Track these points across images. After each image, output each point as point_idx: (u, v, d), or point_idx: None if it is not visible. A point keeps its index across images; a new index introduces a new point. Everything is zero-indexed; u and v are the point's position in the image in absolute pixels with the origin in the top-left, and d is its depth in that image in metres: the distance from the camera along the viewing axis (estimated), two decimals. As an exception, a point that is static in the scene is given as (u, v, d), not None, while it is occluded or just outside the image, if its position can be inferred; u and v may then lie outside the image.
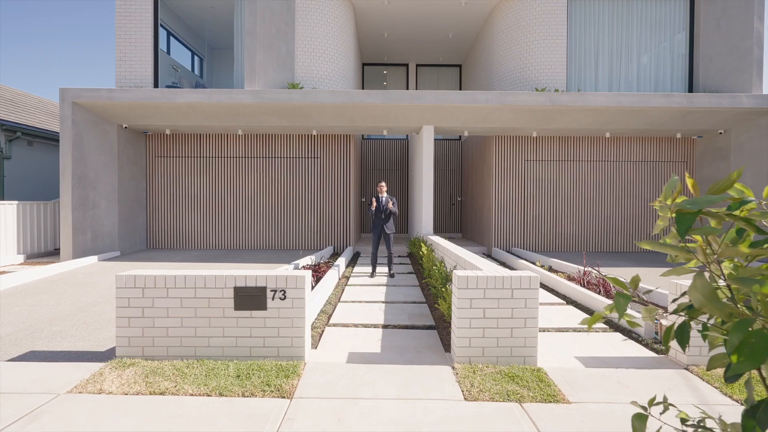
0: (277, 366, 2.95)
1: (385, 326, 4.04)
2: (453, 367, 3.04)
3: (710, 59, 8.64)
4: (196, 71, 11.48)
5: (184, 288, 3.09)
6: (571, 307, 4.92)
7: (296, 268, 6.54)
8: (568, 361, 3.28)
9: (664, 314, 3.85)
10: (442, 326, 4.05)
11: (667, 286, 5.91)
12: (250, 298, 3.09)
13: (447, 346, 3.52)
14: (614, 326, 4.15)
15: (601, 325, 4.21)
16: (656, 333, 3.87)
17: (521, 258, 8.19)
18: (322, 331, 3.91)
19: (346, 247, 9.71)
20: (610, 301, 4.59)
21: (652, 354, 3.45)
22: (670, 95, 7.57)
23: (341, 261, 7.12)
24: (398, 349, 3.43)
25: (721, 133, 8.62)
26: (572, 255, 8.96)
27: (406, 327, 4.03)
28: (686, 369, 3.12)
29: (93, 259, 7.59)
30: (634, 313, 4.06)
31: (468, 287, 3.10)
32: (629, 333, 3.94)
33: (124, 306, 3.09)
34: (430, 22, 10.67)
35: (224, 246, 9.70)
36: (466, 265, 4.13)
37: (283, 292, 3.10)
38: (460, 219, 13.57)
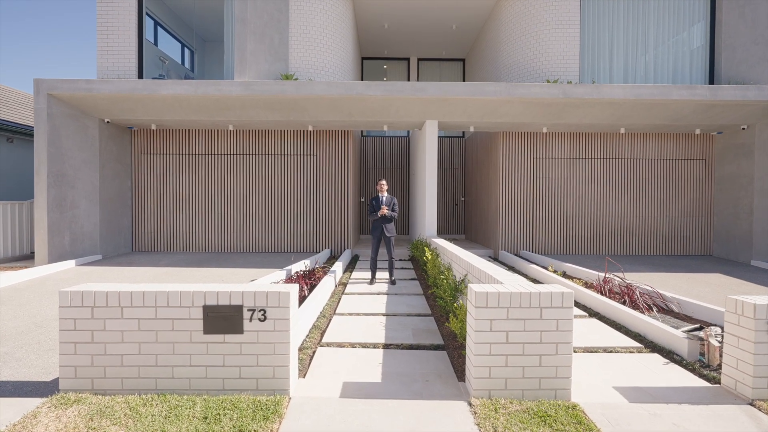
0: (254, 403, 2.41)
1: (386, 346, 3.49)
2: (470, 403, 2.50)
3: (733, 50, 8.10)
4: (187, 64, 10.92)
5: (143, 307, 2.54)
6: (595, 321, 4.38)
7: (289, 274, 6.00)
8: (607, 393, 2.73)
9: (717, 333, 3.30)
10: (452, 346, 3.50)
11: (693, 294, 5.35)
12: (222, 319, 2.54)
13: (460, 372, 2.98)
14: (650, 346, 3.61)
15: (635, 343, 3.67)
16: (701, 355, 3.33)
17: (531, 262, 7.65)
18: (313, 352, 3.36)
19: (344, 249, 9.17)
20: (639, 314, 4.05)
21: (704, 383, 2.90)
22: (693, 87, 7.03)
23: (338, 266, 6.58)
24: (402, 377, 2.89)
25: (744, 128, 8.08)
26: (584, 258, 8.42)
27: (411, 347, 3.49)
28: (750, 404, 2.57)
29: (70, 264, 7.04)
30: (678, 332, 3.52)
31: (488, 306, 2.56)
32: (670, 354, 3.40)
33: (69, 329, 2.54)
34: (433, 12, 10.13)
35: (215, 249, 9.15)
36: (481, 276, 3.58)
37: (262, 312, 2.55)
38: (463, 220, 13.02)
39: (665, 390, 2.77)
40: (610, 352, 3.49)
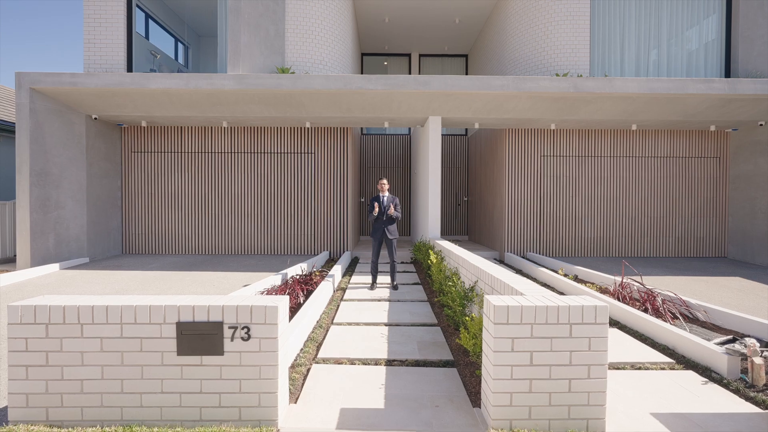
0: (236, 438, 2.05)
1: (389, 362, 3.12)
2: (488, 437, 2.14)
3: (751, 42, 7.74)
4: (180, 60, 10.56)
5: (106, 324, 2.18)
6: (616, 331, 4.01)
7: (284, 278, 5.63)
8: (645, 422, 2.36)
9: (760, 349, 2.94)
10: (463, 362, 3.14)
11: (715, 300, 4.93)
12: (199, 337, 2.18)
13: (474, 395, 2.61)
14: (683, 361, 3.24)
15: (665, 358, 3.30)
16: (743, 373, 2.97)
17: (540, 265, 7.28)
18: (308, 369, 2.99)
19: (344, 251, 8.80)
20: (667, 325, 3.68)
21: (753, 407, 2.53)
22: (710, 81, 6.67)
23: (337, 269, 6.21)
24: (408, 401, 2.52)
25: (761, 124, 7.72)
26: (594, 261, 8.06)
27: (417, 363, 3.12)
28: (814, 436, 2.21)
29: (54, 267, 6.67)
30: (714, 347, 3.15)
31: (509, 322, 2.19)
32: (706, 372, 3.04)
33: (20, 350, 2.17)
34: (435, 5, 9.77)
35: (208, 251, 8.78)
36: (495, 284, 3.21)
37: (246, 330, 2.18)
38: (466, 220, 12.65)
39: (711, 417, 2.41)
40: (639, 368, 3.13)
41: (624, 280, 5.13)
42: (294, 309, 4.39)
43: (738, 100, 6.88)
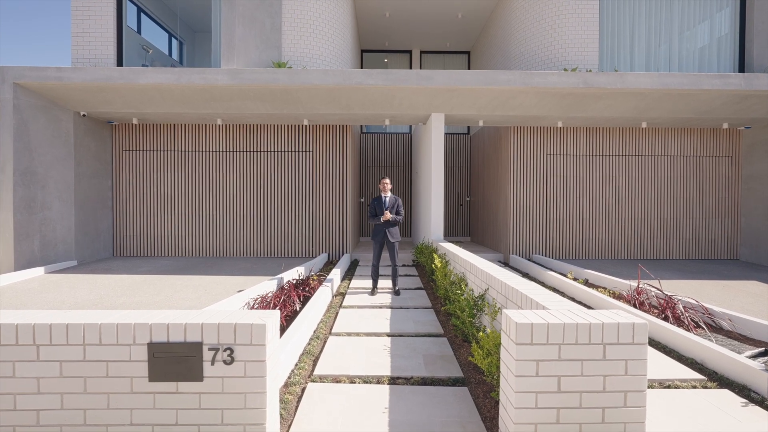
0: (216, 479, 1.75)
1: (393, 380, 2.83)
2: (510, 475, 1.84)
3: (765, 36, 7.46)
4: (175, 56, 10.25)
5: (66, 345, 1.88)
6: (636, 342, 3.71)
7: (280, 283, 5.34)
8: (685, 454, 2.07)
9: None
10: (475, 380, 2.84)
11: (736, 306, 4.61)
12: (175, 361, 1.88)
13: (489, 421, 2.31)
14: (715, 378, 2.95)
15: (695, 374, 3.01)
16: (786, 392, 2.67)
17: (547, 268, 6.99)
18: (303, 389, 2.69)
19: (343, 254, 8.50)
20: (693, 336, 3.39)
21: (805, 435, 2.24)
22: (726, 76, 6.39)
23: (336, 273, 5.92)
24: (416, 428, 2.22)
25: (776, 122, 7.45)
26: (603, 263, 7.76)
27: (423, 381, 2.83)
28: None
29: (39, 271, 6.36)
30: (751, 362, 2.86)
31: (533, 342, 1.90)
32: (743, 390, 2.74)
33: (-34, 375, 1.87)
34: (437, -1, 9.49)
35: (202, 253, 8.47)
36: (511, 294, 2.91)
37: (229, 352, 1.88)
38: (468, 221, 12.36)
39: (761, 448, 2.11)
40: (669, 386, 2.84)
41: (639, 286, 4.84)
42: (290, 317, 4.10)
43: (754, 97, 6.60)
